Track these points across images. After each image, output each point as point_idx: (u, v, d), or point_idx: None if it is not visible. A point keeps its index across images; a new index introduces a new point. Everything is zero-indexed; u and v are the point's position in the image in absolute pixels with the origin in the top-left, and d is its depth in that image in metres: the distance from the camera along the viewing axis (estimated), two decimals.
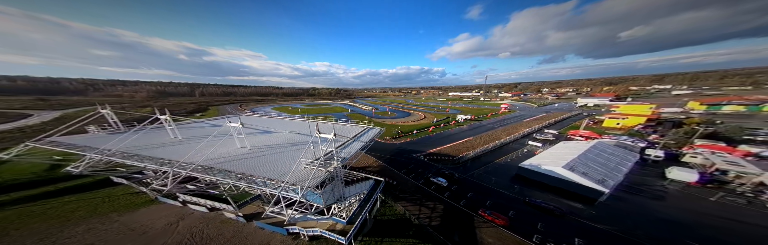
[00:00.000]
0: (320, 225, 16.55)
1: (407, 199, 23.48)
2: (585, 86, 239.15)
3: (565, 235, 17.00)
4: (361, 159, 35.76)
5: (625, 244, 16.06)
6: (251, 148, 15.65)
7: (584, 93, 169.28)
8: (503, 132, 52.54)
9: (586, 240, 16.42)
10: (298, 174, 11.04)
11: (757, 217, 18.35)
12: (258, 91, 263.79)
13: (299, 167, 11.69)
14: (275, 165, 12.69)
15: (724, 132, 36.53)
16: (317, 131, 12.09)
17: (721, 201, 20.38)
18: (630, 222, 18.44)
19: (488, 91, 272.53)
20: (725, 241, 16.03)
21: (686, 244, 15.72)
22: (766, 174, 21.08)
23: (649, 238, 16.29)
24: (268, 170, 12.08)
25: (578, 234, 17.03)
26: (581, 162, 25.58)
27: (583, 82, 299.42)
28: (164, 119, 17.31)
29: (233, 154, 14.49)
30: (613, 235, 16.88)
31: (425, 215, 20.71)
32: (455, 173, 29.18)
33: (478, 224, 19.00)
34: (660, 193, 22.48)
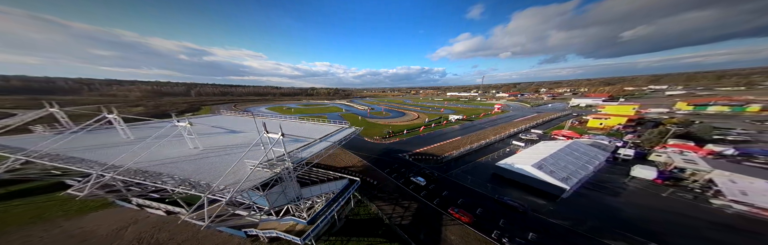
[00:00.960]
0: (280, 226, 16.35)
1: (384, 198, 24.13)
2: (584, 86, 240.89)
3: (522, 230, 18.38)
4: (346, 158, 36.79)
5: (571, 237, 17.58)
6: (204, 149, 15.26)
7: (580, 93, 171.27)
8: (491, 132, 54.12)
9: (539, 234, 17.90)
10: (239, 175, 10.57)
11: (696, 211, 19.93)
12: (256, 91, 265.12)
13: (244, 168, 11.34)
14: (219, 166, 12.26)
15: (695, 132, 38.36)
16: (265, 131, 11.55)
17: (670, 197, 22.01)
18: (582, 216, 19.78)
19: (486, 91, 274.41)
20: (655, 231, 17.56)
21: (620, 234, 17.19)
22: (715, 171, 22.83)
23: (592, 230, 17.77)
24: (208, 172, 11.66)
25: (534, 229, 18.46)
26: (551, 161, 27.04)
27: (583, 82, 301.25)
28: (112, 118, 16.38)
29: (179, 156, 13.98)
30: (564, 229, 18.44)
31: (398, 214, 21.34)
32: (436, 172, 30.10)
33: (445, 222, 19.91)
34: (619, 190, 24.02)
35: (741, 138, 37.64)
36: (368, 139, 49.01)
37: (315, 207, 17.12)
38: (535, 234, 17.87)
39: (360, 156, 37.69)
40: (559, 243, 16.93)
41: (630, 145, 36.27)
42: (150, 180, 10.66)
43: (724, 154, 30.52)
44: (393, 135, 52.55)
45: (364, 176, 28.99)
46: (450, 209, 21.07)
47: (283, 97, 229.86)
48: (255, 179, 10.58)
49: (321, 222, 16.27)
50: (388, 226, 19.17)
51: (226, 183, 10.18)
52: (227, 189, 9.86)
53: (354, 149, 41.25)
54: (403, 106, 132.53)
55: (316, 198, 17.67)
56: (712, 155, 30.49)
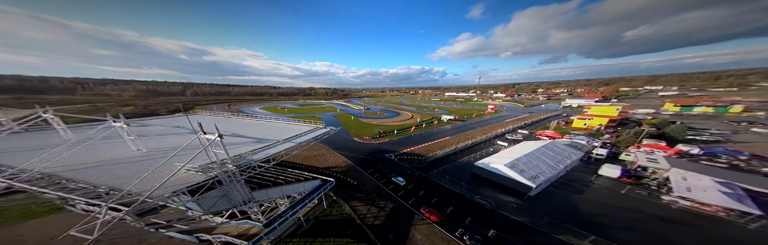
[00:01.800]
0: (235, 230, 15.72)
1: (361, 199, 24.43)
2: (581, 87, 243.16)
3: (485, 227, 19.20)
4: (332, 159, 37.53)
5: (527, 232, 18.82)
6: (149, 151, 14.57)
7: (576, 94, 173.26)
8: (479, 132, 55.50)
9: (499, 231, 18.78)
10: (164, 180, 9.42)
11: (647, 206, 21.29)
12: (253, 91, 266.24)
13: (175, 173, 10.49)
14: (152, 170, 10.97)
15: (669, 132, 40.11)
16: (201, 131, 10.65)
17: (628, 194, 23.44)
18: (541, 213, 20.85)
19: (484, 92, 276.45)
20: (604, 225, 18.94)
21: (569, 229, 18.35)
22: (672, 169, 24.49)
23: (547, 226, 19.14)
24: (133, 177, 10.90)
25: (495, 226, 19.33)
26: (524, 160, 28.22)
27: (582, 82, 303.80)
28: (49, 117, 14.98)
29: (114, 158, 13.20)
30: (523, 225, 19.66)
31: (373, 214, 21.61)
32: (417, 172, 30.80)
33: (416, 221, 20.41)
34: (584, 188, 25.33)
35: (713, 138, 39.38)
36: (358, 139, 49.92)
37: (279, 209, 17.04)
38: (495, 231, 18.74)
39: (346, 156, 38.53)
40: (515, 238, 18.15)
41: (607, 145, 37.98)
42: (52, 187, 9.57)
43: (690, 153, 32.27)
44: (383, 136, 53.17)
45: (345, 176, 29.61)
46: (422, 208, 21.59)
47: (280, 97, 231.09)
48: (178, 184, 9.91)
49: (279, 225, 15.89)
50: (359, 226, 19.52)
51: (143, 190, 9.18)
52: (140, 196, 8.83)
53: (342, 149, 42.24)
54: (399, 106, 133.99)
55: (281, 199, 17.40)
56: (680, 154, 32.22)
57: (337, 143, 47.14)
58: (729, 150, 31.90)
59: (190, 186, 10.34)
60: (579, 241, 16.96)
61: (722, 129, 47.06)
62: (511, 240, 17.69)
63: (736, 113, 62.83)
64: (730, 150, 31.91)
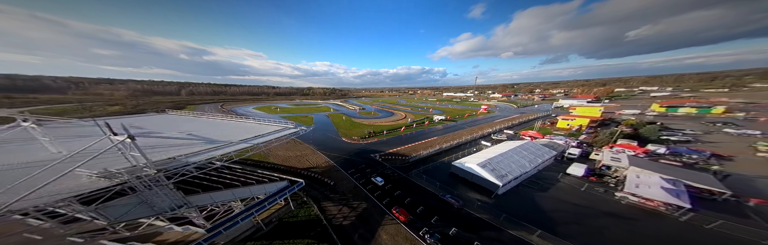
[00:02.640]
0: (174, 236, 14.81)
1: (334, 199, 24.69)
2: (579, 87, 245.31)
3: (449, 226, 19.82)
4: (314, 159, 38.14)
5: (485, 229, 19.66)
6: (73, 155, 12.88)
7: (570, 94, 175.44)
8: (467, 132, 56.99)
9: (460, 229, 19.42)
10: (38, 187, 8.03)
11: (600, 202, 22.70)
12: (250, 91, 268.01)
13: (77, 179, 9.63)
14: (27, 177, 9.05)
15: (643, 133, 42.02)
16: (110, 132, 9.75)
17: (587, 191, 24.88)
18: (503, 210, 21.74)
19: (482, 92, 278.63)
20: (554, 220, 20.13)
21: (522, 225, 19.46)
22: (631, 167, 26.34)
23: (507, 222, 20.19)
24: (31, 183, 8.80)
25: (459, 224, 19.96)
26: (498, 160, 29.06)
27: (580, 82, 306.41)
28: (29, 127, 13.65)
29: (21, 162, 12.01)
30: (484, 222, 20.52)
31: (343, 215, 21.78)
32: (398, 172, 31.40)
33: (385, 221, 20.65)
34: (549, 185, 26.65)
35: (684, 138, 41.27)
36: (346, 140, 50.86)
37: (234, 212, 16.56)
38: (457, 229, 19.37)
39: (330, 156, 39.20)
40: (473, 235, 18.95)
41: (583, 145, 39.84)
42: None
43: (657, 153, 34.17)
44: (373, 136, 54.18)
45: (322, 177, 30.02)
46: (393, 208, 21.91)
47: (277, 97, 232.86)
48: (64, 193, 8.82)
49: (226, 229, 15.37)
50: (325, 228, 19.64)
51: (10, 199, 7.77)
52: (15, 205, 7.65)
53: (327, 150, 43.09)
54: (395, 106, 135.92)
55: (235, 202, 16.86)
56: (647, 153, 34.12)
57: (324, 143, 48.17)
58: (691, 149, 33.76)
59: (81, 195, 9.11)
60: (529, 236, 18.42)
61: (697, 129, 48.87)
62: (469, 238, 18.57)
63: (718, 114, 64.79)
64: (692, 149, 33.77)
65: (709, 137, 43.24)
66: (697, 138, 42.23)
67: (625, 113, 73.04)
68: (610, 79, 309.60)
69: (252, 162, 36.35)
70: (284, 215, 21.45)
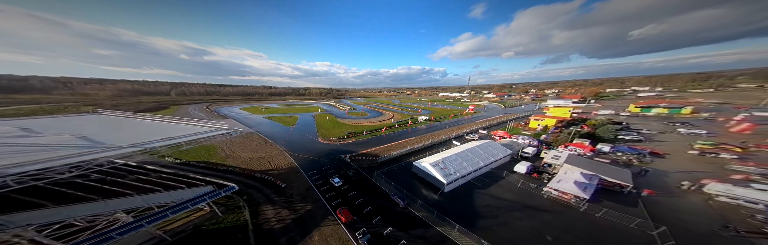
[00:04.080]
0: None
1: (277, 202, 24.46)
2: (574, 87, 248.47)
3: (388, 225, 20.28)
4: (278, 160, 37.96)
5: (418, 226, 20.52)
6: None
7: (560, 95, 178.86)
8: (446, 132, 58.38)
9: (396, 227, 20.05)
10: None
11: (527, 197, 24.56)
12: (244, 91, 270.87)
13: None
14: None
15: (598, 132, 45.26)
16: None
17: (522, 187, 27.04)
18: (442, 207, 22.65)
19: (478, 92, 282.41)
20: (481, 215, 21.40)
21: (446, 221, 20.40)
22: (564, 165, 29.41)
23: (438, 219, 21.13)
24: None
25: (397, 223, 20.53)
26: (452, 159, 30.11)
27: (578, 82, 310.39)
28: None
29: None
30: (420, 220, 21.33)
31: (279, 218, 21.43)
32: (363, 172, 32.02)
33: (325, 223, 20.78)
34: (493, 183, 28.39)
35: (637, 138, 44.46)
36: (322, 140, 51.91)
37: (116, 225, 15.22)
38: (393, 228, 19.87)
39: (298, 158, 39.49)
40: (404, 234, 19.57)
41: (543, 144, 43.02)
42: None
43: (603, 151, 37.44)
44: (352, 136, 55.21)
45: (277, 179, 30.02)
46: (338, 209, 22.08)
47: (271, 97, 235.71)
48: None
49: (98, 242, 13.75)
50: (248, 233, 19.25)
51: None
52: None
53: (298, 151, 43.56)
54: (387, 106, 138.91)
55: (119, 214, 15.68)
56: (593, 152, 37.40)
57: (297, 144, 48.99)
58: (631, 148, 36.90)
59: None
60: (450, 231, 19.71)
61: (656, 129, 52.02)
62: (400, 236, 19.26)
63: (686, 114, 68.20)
64: (632, 148, 36.91)
65: (661, 136, 46.31)
66: (649, 138, 45.32)
67: (600, 113, 76.43)
68: (607, 79, 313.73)
69: (205, 164, 36.24)
70: (205, 222, 20.16)
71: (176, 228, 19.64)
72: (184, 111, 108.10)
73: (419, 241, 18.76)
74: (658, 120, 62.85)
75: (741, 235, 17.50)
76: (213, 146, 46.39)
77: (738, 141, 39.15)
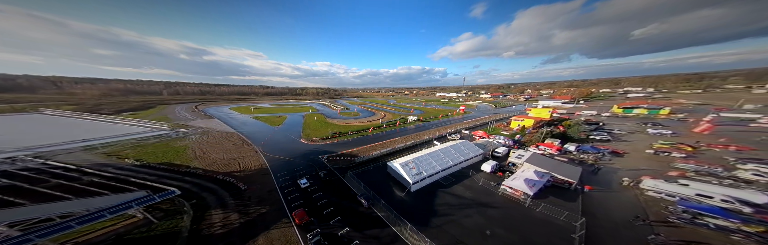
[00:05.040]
0: None
1: (230, 206, 24.11)
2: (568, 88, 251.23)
3: (345, 226, 20.44)
4: (248, 162, 37.61)
5: (376, 226, 20.75)
6: None
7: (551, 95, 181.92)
8: (431, 132, 59.11)
9: (353, 228, 20.26)
10: None
11: (484, 194, 25.71)
12: (239, 90, 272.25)
13: None
14: None
15: (569, 133, 47.81)
16: None
17: (482, 185, 28.26)
18: (405, 206, 23.19)
19: (475, 92, 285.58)
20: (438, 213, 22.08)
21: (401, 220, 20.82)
22: (525, 163, 31.82)
23: (397, 219, 21.58)
24: None
25: (355, 224, 20.72)
26: (423, 159, 31.13)
27: (576, 83, 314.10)
28: None
29: None
30: (379, 220, 21.62)
31: (226, 222, 21.10)
32: (337, 173, 32.26)
33: (278, 225, 20.60)
34: (459, 181, 29.37)
35: (606, 138, 47.02)
36: (304, 141, 52.08)
37: None
38: (350, 228, 20.02)
39: (272, 159, 39.38)
40: (359, 234, 19.82)
41: (517, 144, 45.45)
42: None
43: (568, 150, 39.89)
44: (337, 136, 55.91)
45: (239, 181, 29.91)
46: (295, 211, 21.92)
47: (266, 97, 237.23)
48: None
49: None
50: (180, 240, 18.75)
51: None
52: None
53: (275, 151, 43.52)
54: (381, 106, 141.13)
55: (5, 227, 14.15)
56: (560, 151, 39.91)
57: (277, 145, 48.97)
58: (594, 147, 39.32)
59: None
60: (404, 230, 20.31)
61: (628, 129, 54.52)
62: (355, 237, 19.54)
63: (664, 115, 71.01)
64: (595, 147, 39.34)
65: (629, 136, 48.72)
66: (617, 138, 47.77)
67: (582, 114, 79.16)
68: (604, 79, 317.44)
69: (167, 166, 35.66)
70: (134, 230, 19.08)
71: (93, 238, 17.85)
72: (169, 111, 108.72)
73: (373, 241, 19.12)
74: (636, 120, 65.27)
75: (647, 224, 19.78)
76: (184, 147, 46.33)
77: (694, 141, 41.79)
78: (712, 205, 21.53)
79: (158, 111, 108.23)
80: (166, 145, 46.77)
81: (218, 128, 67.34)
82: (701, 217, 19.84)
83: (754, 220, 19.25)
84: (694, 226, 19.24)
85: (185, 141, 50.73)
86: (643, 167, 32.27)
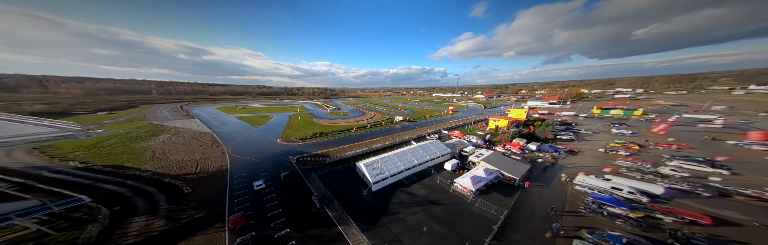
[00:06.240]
0: None
1: (160, 212, 23.16)
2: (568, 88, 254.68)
3: (287, 227, 20.18)
4: (209, 163, 37.05)
5: (321, 226, 20.75)
6: None
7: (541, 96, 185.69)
8: (414, 132, 61.17)
9: (295, 229, 20.18)
10: None
11: (436, 192, 26.77)
12: (233, 90, 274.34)
13: None
14: None
15: (536, 133, 50.92)
16: None
17: (439, 183, 29.42)
18: (360, 205, 23.51)
19: (471, 93, 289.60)
20: (389, 212, 22.56)
21: (346, 220, 20.88)
22: (481, 162, 34.70)
23: (347, 218, 21.77)
24: None
25: (300, 225, 20.65)
26: (388, 158, 32.13)
27: (573, 83, 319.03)
28: None
29: None
30: (328, 220, 21.70)
31: (146, 230, 20.16)
32: (301, 174, 32.17)
33: (206, 231, 19.95)
34: (419, 180, 30.47)
35: (570, 137, 50.00)
36: (280, 141, 51.94)
37: None
38: (290, 230, 19.91)
39: (238, 159, 39.13)
40: (300, 235, 19.85)
41: (487, 144, 48.42)
42: None
43: (529, 149, 42.85)
44: (318, 136, 56.67)
45: (187, 184, 29.19)
46: (232, 215, 21.32)
47: (260, 96, 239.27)
48: None
49: None
50: None
51: None
52: None
53: (245, 152, 43.24)
54: (374, 106, 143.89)
55: None
56: (522, 150, 42.88)
57: (250, 145, 48.64)
58: (553, 146, 42.21)
59: None
60: (349, 229, 20.63)
61: (596, 129, 57.61)
62: (293, 237, 19.40)
63: (637, 116, 74.42)
64: (553, 146, 42.23)
65: (593, 136, 51.67)
66: (581, 137, 50.70)
67: (561, 115, 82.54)
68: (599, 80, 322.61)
69: (112, 169, 34.44)
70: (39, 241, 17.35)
71: None
72: (151, 110, 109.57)
73: (311, 241, 19.17)
74: (609, 121, 68.30)
75: (558, 214, 22.41)
76: (146, 147, 45.58)
77: (645, 140, 45.06)
78: (614, 196, 24.48)
79: (139, 110, 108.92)
80: (126, 146, 46.52)
81: (194, 128, 67.31)
82: (603, 207, 22.78)
83: (641, 207, 22.31)
84: (594, 214, 21.94)
85: (150, 141, 50.16)
86: (588, 164, 35.07)
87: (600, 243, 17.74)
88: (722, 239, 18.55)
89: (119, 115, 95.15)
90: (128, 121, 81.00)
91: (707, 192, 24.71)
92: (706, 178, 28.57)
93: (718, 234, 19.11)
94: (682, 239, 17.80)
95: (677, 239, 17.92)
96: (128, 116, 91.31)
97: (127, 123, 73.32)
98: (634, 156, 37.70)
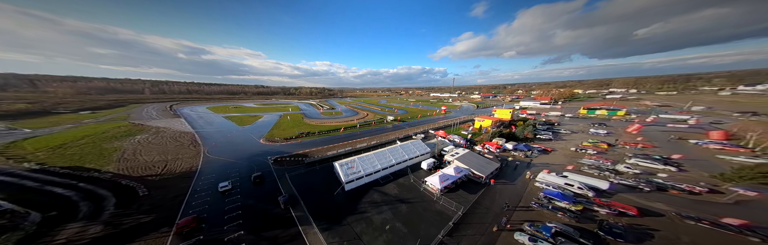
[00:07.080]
0: None
1: (102, 216, 22.11)
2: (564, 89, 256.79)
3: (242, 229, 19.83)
4: (178, 164, 36.08)
5: (281, 227, 20.36)
6: None
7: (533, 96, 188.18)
8: (402, 131, 61.63)
9: (249, 231, 19.69)
10: None
11: (406, 190, 27.48)
12: (229, 89, 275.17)
13: None
14: None
15: (516, 133, 52.94)
16: None
17: (412, 182, 29.85)
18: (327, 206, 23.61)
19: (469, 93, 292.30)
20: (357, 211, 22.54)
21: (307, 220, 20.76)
22: (455, 161, 36.49)
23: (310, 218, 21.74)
24: None
25: (258, 226, 20.21)
26: (366, 158, 32.31)
27: (570, 83, 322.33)
28: None
29: None
30: (288, 221, 21.31)
31: (78, 238, 19.18)
32: (275, 175, 31.70)
33: (149, 236, 19.16)
34: (394, 179, 30.72)
35: (549, 137, 51.95)
36: (263, 141, 51.57)
37: None
38: (244, 232, 19.60)
39: (213, 160, 38.53)
40: (254, 237, 19.40)
41: (468, 143, 50.33)
42: None
43: (506, 148, 44.91)
44: (304, 136, 56.95)
45: (144, 185, 28.25)
46: (182, 219, 20.81)
47: (255, 96, 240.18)
48: None
49: None
50: None
51: None
52: None
53: (222, 153, 42.73)
54: (369, 106, 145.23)
55: None
56: (500, 149, 44.78)
57: (230, 145, 48.04)
58: (527, 145, 43.99)
59: None
60: (311, 229, 20.54)
61: (576, 129, 59.62)
62: (245, 240, 19.02)
63: (620, 116, 76.66)
64: (528, 145, 44.03)
65: (571, 135, 53.55)
66: (559, 137, 52.71)
67: (548, 115, 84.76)
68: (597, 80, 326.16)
69: (70, 170, 33.11)
70: None
71: None
72: (137, 110, 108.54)
73: (263, 243, 18.86)
74: (592, 121, 70.24)
75: (511, 209, 23.94)
76: (118, 147, 44.63)
77: (615, 139, 47.03)
78: (564, 191, 26.26)
79: (126, 110, 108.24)
80: (96, 146, 45.27)
81: (177, 128, 66.81)
82: (551, 201, 24.63)
83: (583, 201, 24.15)
84: (542, 209, 23.61)
85: (124, 141, 49.00)
86: (557, 163, 36.92)
87: (535, 233, 19.73)
88: (641, 227, 20.57)
89: (102, 114, 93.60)
90: (109, 120, 79.74)
91: (648, 186, 26.80)
92: (655, 174, 30.62)
93: (639, 223, 21.05)
94: (606, 228, 19.86)
95: (602, 228, 19.96)
96: (111, 115, 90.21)
97: (105, 123, 71.65)
98: (600, 154, 39.60)
